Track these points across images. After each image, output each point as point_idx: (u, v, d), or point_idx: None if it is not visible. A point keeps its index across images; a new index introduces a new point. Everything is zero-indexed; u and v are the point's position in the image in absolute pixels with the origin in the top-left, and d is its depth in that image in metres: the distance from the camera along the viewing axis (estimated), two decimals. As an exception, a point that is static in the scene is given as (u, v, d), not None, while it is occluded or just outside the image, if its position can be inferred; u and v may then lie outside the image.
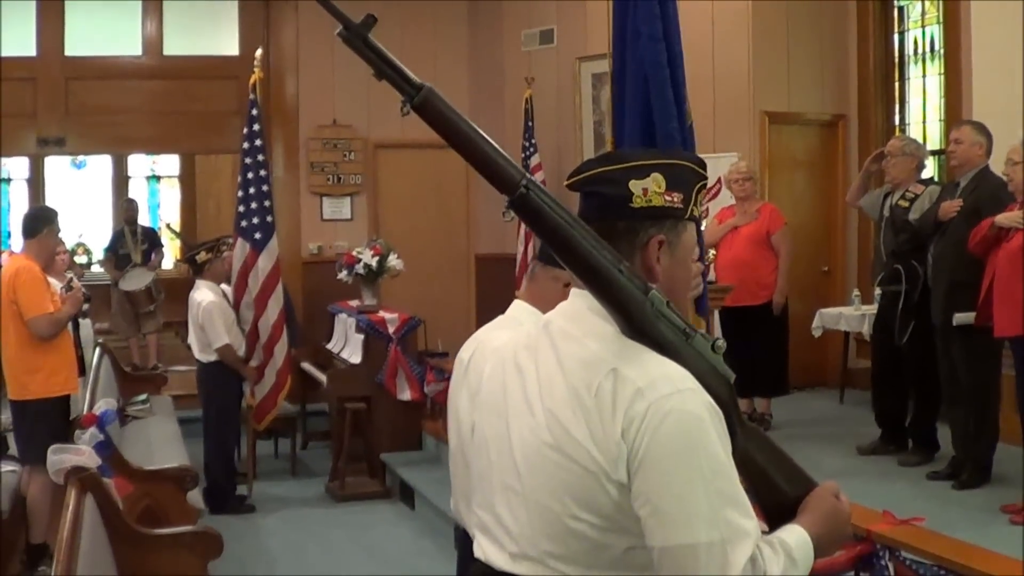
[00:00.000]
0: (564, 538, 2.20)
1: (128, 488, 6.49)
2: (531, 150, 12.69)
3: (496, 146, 2.14)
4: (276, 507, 9.60)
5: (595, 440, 2.14)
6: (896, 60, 11.80)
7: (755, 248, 9.76)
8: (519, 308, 2.50)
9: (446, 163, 13.37)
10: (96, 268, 16.75)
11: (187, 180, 19.07)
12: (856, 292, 10.81)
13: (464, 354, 2.73)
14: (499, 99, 13.36)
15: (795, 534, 2.24)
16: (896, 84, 11.81)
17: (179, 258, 18.13)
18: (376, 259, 10.63)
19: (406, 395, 10.28)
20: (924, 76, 11.48)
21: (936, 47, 11.24)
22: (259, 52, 10.46)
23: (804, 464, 2.43)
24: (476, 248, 14.12)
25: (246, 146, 10.08)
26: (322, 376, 10.76)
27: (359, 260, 10.66)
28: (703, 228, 4.26)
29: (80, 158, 18.27)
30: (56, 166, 17.88)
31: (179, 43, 13.62)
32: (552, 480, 2.21)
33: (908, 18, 11.66)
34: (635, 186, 2.30)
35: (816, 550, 2.26)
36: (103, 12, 13.52)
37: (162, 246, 14.68)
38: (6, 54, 12.48)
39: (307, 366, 11.41)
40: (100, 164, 18.55)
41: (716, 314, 8.93)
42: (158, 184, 19.43)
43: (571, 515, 2.18)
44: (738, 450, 2.20)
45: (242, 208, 10.02)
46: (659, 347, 2.20)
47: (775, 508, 2.31)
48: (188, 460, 7.87)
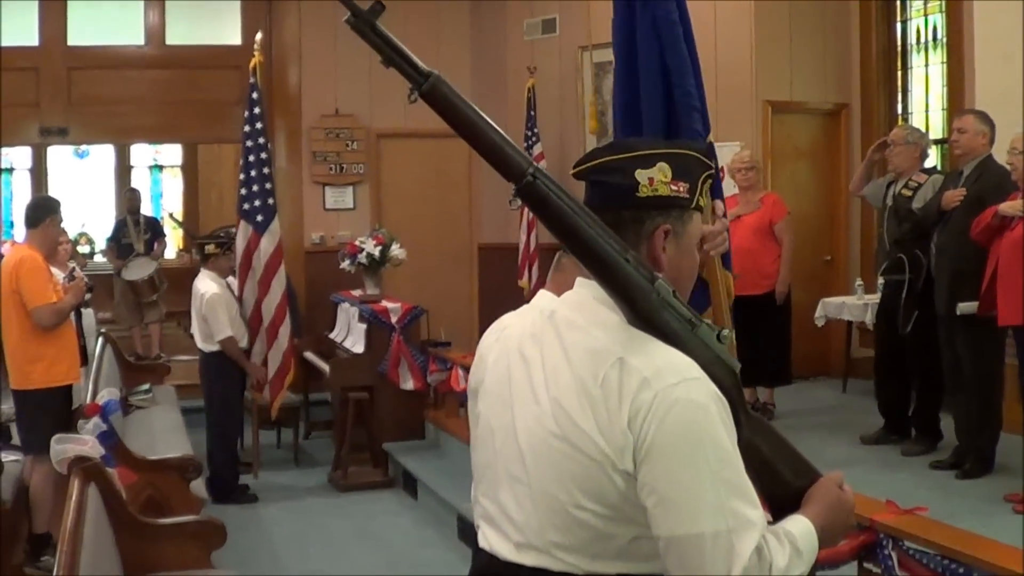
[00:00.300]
0: (569, 528, 2.21)
1: (131, 478, 6.49)
2: (533, 140, 12.68)
3: (503, 134, 2.14)
4: (279, 497, 9.61)
5: (601, 430, 2.15)
6: (899, 49, 11.78)
7: (758, 237, 9.74)
8: (545, 298, 2.50)
9: (449, 152, 13.37)
10: (99, 258, 16.78)
11: (190, 169, 19.05)
12: (859, 281, 10.80)
13: (489, 339, 2.61)
14: (501, 89, 13.34)
15: (800, 525, 2.25)
16: (899, 73, 11.80)
17: (182, 247, 18.17)
18: (379, 248, 10.63)
19: (409, 384, 10.29)
20: (926, 65, 11.46)
21: (938, 36, 11.23)
22: (259, 36, 10.47)
23: (807, 453, 2.43)
24: (479, 238, 14.11)
25: (247, 129, 10.13)
26: (325, 366, 10.76)
27: (362, 250, 10.66)
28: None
29: (83, 148, 18.24)
30: (59, 156, 17.86)
31: (181, 32, 13.61)
32: (558, 470, 2.21)
33: (910, 7, 11.63)
34: (641, 175, 2.30)
35: (820, 541, 2.26)
36: (105, 1, 13.52)
37: (164, 235, 14.68)
38: (8, 44, 12.46)
39: (310, 356, 11.42)
40: (103, 154, 18.53)
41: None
42: (160, 173, 19.41)
43: (577, 505, 2.19)
44: (743, 440, 2.20)
45: (244, 191, 10.08)
46: (665, 336, 2.20)
47: (779, 498, 2.31)
48: (191, 450, 7.86)
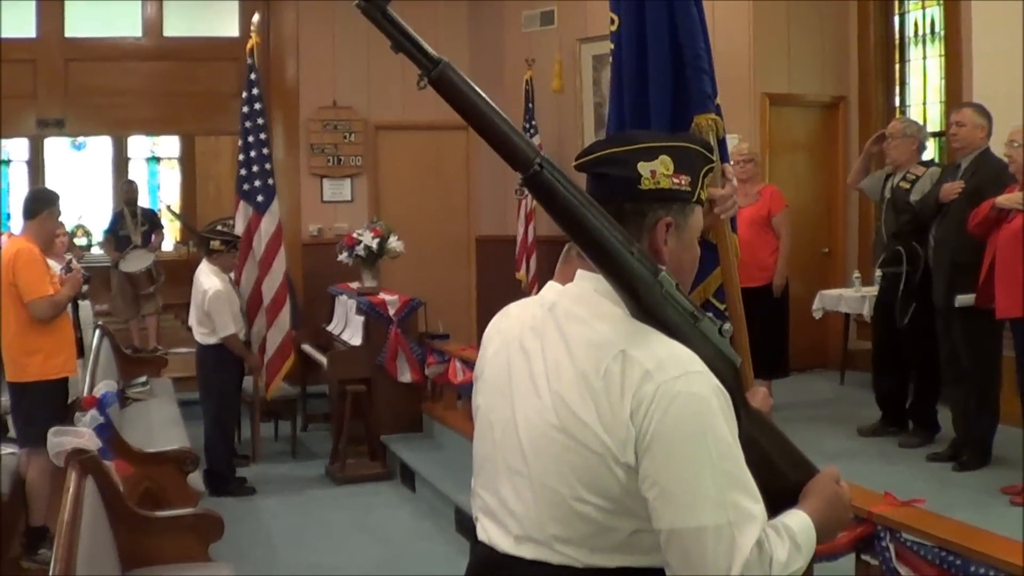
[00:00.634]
0: (570, 521, 2.21)
1: (128, 470, 6.49)
2: (532, 132, 12.67)
3: (511, 123, 2.13)
4: (276, 489, 9.60)
5: (603, 422, 2.15)
6: (896, 42, 11.78)
7: (756, 230, 9.71)
8: (551, 290, 2.50)
9: (447, 144, 13.38)
10: (96, 250, 16.78)
11: (187, 161, 19.06)
12: (856, 274, 10.82)
13: (490, 330, 2.62)
14: (499, 81, 13.32)
15: (798, 519, 2.25)
16: (896, 66, 11.80)
17: (179, 239, 18.17)
18: (376, 241, 10.61)
19: (406, 377, 10.29)
20: (924, 58, 11.46)
21: (936, 29, 11.23)
22: (256, 17, 10.50)
23: (804, 446, 2.44)
24: (477, 230, 14.10)
25: (245, 110, 10.20)
26: (322, 358, 10.75)
27: (359, 242, 10.65)
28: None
29: (80, 139, 18.26)
30: (56, 148, 17.88)
31: (179, 24, 13.59)
32: (559, 463, 2.21)
33: (908, 0, 11.64)
34: (643, 168, 2.30)
35: (818, 536, 2.27)
36: (103, -6, 13.51)
37: (162, 228, 14.67)
38: (6, 35, 12.44)
39: (307, 348, 11.41)
40: (100, 145, 18.55)
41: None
42: (158, 165, 19.43)
43: (578, 498, 2.19)
44: (742, 434, 2.20)
45: (243, 172, 10.15)
46: (667, 329, 2.20)
47: (777, 493, 2.30)
48: (188, 442, 7.85)
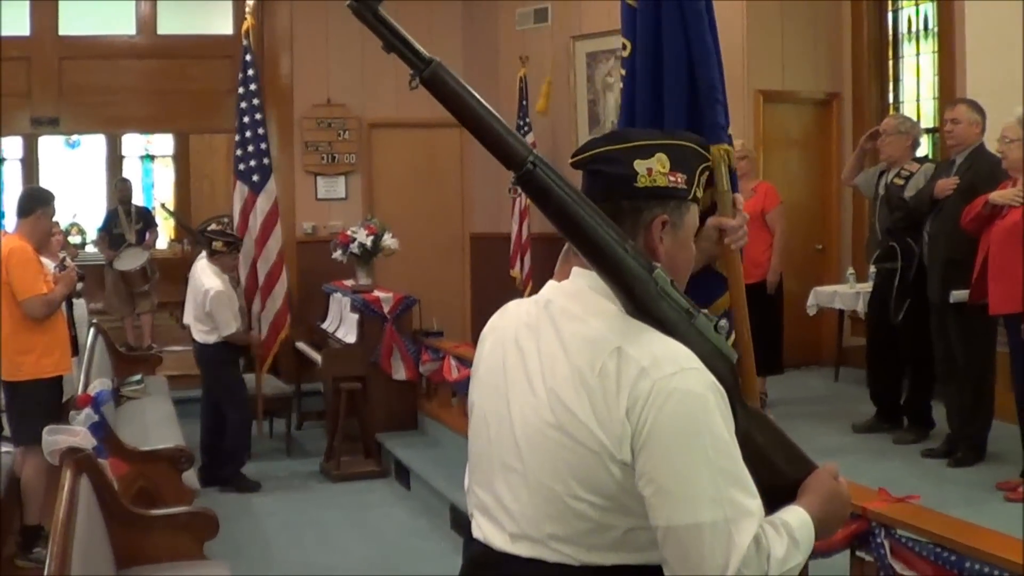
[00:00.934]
0: (566, 518, 2.20)
1: (123, 469, 6.48)
2: (525, 129, 12.66)
3: (504, 122, 2.13)
4: (271, 487, 9.58)
5: (599, 419, 2.15)
6: (890, 38, 11.79)
7: (750, 226, 9.63)
8: (550, 287, 2.50)
9: (441, 142, 13.37)
10: (90, 248, 16.75)
11: (181, 160, 19.04)
12: (851, 270, 10.82)
13: (486, 328, 2.62)
14: (493, 78, 13.31)
15: (796, 515, 2.25)
16: (890, 62, 11.81)
17: (174, 237, 18.17)
18: (371, 238, 10.62)
19: (401, 375, 10.29)
20: (918, 54, 11.47)
21: (930, 25, 11.24)
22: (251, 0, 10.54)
23: (799, 442, 2.44)
24: (471, 227, 14.08)
25: (241, 91, 10.27)
26: (317, 356, 10.74)
27: (354, 239, 10.65)
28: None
29: (74, 138, 18.23)
30: (50, 146, 17.85)
31: (173, 22, 13.58)
32: (554, 460, 2.21)
33: (902, -4, 11.67)
34: (639, 166, 2.31)
35: (816, 532, 2.26)
36: (96, -9, 13.50)
37: (156, 226, 14.67)
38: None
39: (302, 346, 11.40)
40: (94, 144, 18.51)
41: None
42: (152, 163, 19.39)
43: (573, 495, 2.19)
44: (739, 431, 2.20)
45: (239, 152, 10.22)
46: (662, 326, 2.20)
47: (774, 489, 2.30)
48: (183, 440, 7.86)
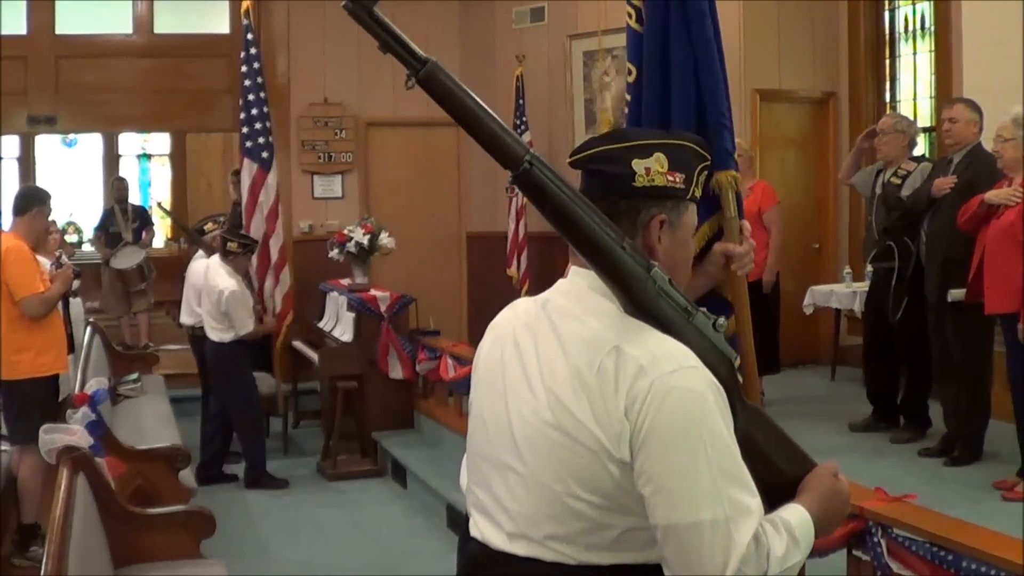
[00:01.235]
0: (564, 518, 2.20)
1: (120, 467, 6.48)
2: (522, 128, 12.66)
3: (500, 121, 2.13)
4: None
5: (597, 419, 2.15)
6: (887, 37, 11.81)
7: (746, 225, 9.71)
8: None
9: (437, 141, 13.35)
10: (87, 247, 16.75)
11: (178, 158, 19.02)
12: (847, 269, 10.83)
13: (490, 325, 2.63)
14: (490, 77, 13.30)
15: (796, 513, 2.25)
16: (887, 61, 11.82)
17: (170, 236, 18.16)
18: (367, 237, 10.60)
19: (398, 373, 10.28)
20: (915, 53, 11.48)
21: (926, 24, 11.25)
22: None
23: (796, 441, 2.43)
24: (467, 226, 14.07)
25: (244, 69, 10.37)
26: (313, 355, 10.74)
27: (350, 238, 10.63)
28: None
29: (71, 136, 18.22)
30: (47, 145, 17.83)
31: (170, 21, 13.55)
32: (553, 460, 2.21)
33: (898, -5, 11.67)
34: (638, 165, 2.31)
35: (816, 530, 2.26)
36: (93, -10, 13.48)
37: (153, 224, 14.68)
38: (-3, 33, 12.43)
39: (298, 344, 11.39)
40: (91, 142, 18.51)
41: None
42: (149, 162, 19.38)
43: (571, 494, 2.19)
44: (738, 429, 2.20)
45: (246, 129, 10.29)
46: (661, 325, 2.20)
47: (774, 487, 2.31)
48: (180, 439, 7.85)
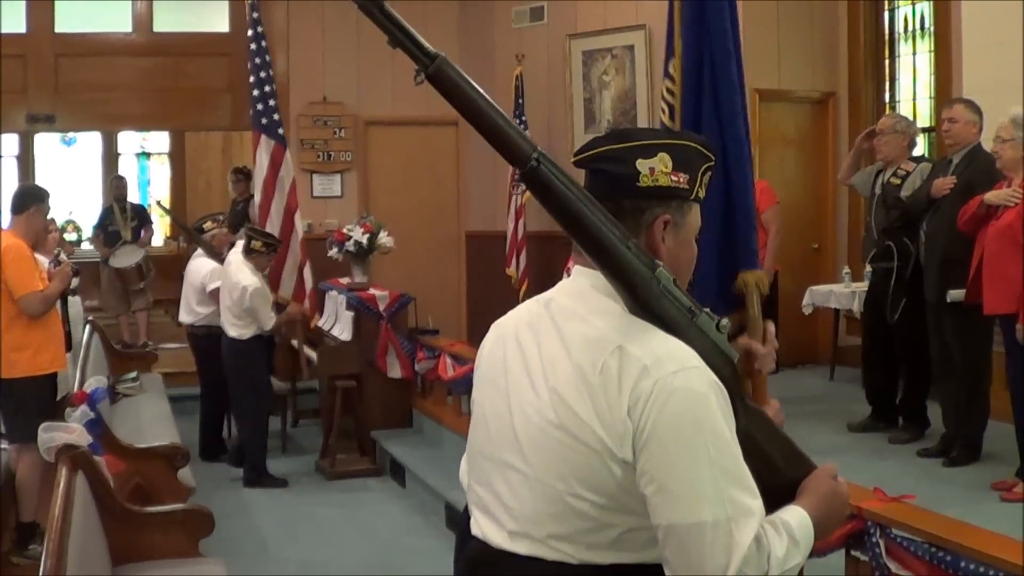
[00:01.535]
0: (566, 517, 2.20)
1: (119, 466, 6.47)
2: (521, 127, 12.64)
3: (509, 118, 2.14)
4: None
5: (600, 418, 2.15)
6: (886, 37, 11.80)
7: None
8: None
9: (436, 140, 13.37)
10: (86, 245, 16.73)
11: (177, 157, 19.01)
12: (846, 269, 10.83)
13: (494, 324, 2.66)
14: (489, 76, 13.29)
15: (796, 515, 2.25)
16: (886, 61, 11.81)
17: (169, 235, 18.14)
18: (366, 236, 10.59)
19: (396, 373, 10.29)
20: (914, 53, 11.48)
21: (926, 24, 11.25)
22: None
23: (795, 441, 2.43)
24: (466, 225, 14.08)
25: (253, 48, 10.26)
26: (312, 353, 10.73)
27: (349, 237, 10.62)
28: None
29: (70, 135, 18.20)
30: (46, 143, 17.80)
31: (169, 20, 13.56)
32: (556, 459, 2.21)
33: (898, -5, 11.67)
34: (642, 165, 2.30)
35: (815, 532, 2.26)
36: (93, -11, 13.48)
37: (151, 223, 14.64)
38: (-4, 31, 12.43)
39: (298, 343, 11.38)
40: (90, 141, 18.49)
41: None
42: (148, 161, 19.36)
43: (573, 494, 2.19)
44: (740, 430, 2.20)
45: (260, 106, 10.19)
46: (664, 325, 2.20)
47: (774, 488, 2.30)
48: (179, 438, 7.86)
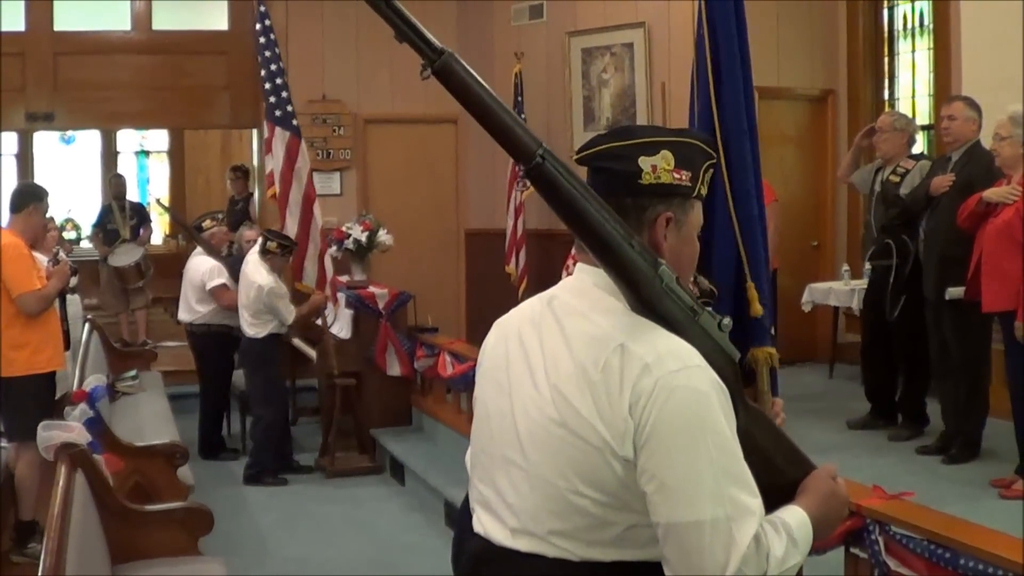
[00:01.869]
0: (567, 514, 2.21)
1: (118, 464, 6.47)
2: (521, 125, 12.65)
3: (514, 114, 2.13)
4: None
5: (602, 416, 2.15)
6: (885, 35, 11.80)
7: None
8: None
9: (436, 138, 13.35)
10: (85, 244, 16.72)
11: (176, 155, 19.03)
12: (846, 267, 10.83)
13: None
14: (488, 74, 13.20)
15: (795, 515, 2.25)
16: (885, 59, 11.81)
17: (168, 233, 18.15)
18: (366, 234, 10.60)
19: (396, 371, 10.29)
20: (913, 51, 11.48)
21: (925, 22, 11.25)
22: None
23: (794, 439, 2.44)
24: (466, 223, 14.07)
25: (262, 41, 10.23)
26: (312, 351, 10.74)
27: (349, 235, 10.63)
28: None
29: (69, 133, 18.20)
30: (45, 141, 17.81)
31: (168, 18, 13.53)
32: (557, 456, 2.21)
33: (898, -7, 11.66)
34: (644, 163, 2.30)
35: (814, 532, 2.26)
36: (92, -13, 13.46)
37: (151, 221, 14.64)
38: (-5, 29, 12.41)
39: (297, 342, 11.38)
40: (89, 139, 18.49)
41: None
42: (147, 159, 19.37)
43: (575, 491, 2.19)
44: (740, 429, 2.20)
45: (273, 99, 10.12)
46: (667, 323, 2.20)
47: (773, 489, 2.30)
48: (178, 436, 7.86)
